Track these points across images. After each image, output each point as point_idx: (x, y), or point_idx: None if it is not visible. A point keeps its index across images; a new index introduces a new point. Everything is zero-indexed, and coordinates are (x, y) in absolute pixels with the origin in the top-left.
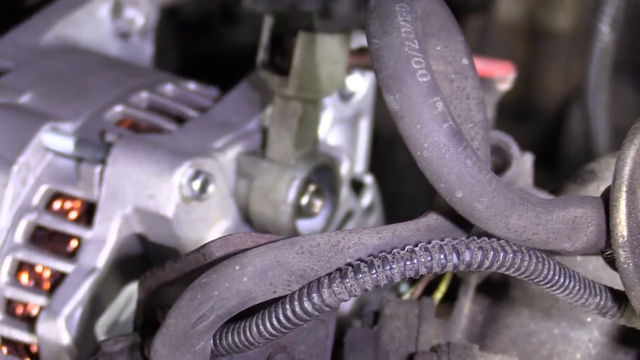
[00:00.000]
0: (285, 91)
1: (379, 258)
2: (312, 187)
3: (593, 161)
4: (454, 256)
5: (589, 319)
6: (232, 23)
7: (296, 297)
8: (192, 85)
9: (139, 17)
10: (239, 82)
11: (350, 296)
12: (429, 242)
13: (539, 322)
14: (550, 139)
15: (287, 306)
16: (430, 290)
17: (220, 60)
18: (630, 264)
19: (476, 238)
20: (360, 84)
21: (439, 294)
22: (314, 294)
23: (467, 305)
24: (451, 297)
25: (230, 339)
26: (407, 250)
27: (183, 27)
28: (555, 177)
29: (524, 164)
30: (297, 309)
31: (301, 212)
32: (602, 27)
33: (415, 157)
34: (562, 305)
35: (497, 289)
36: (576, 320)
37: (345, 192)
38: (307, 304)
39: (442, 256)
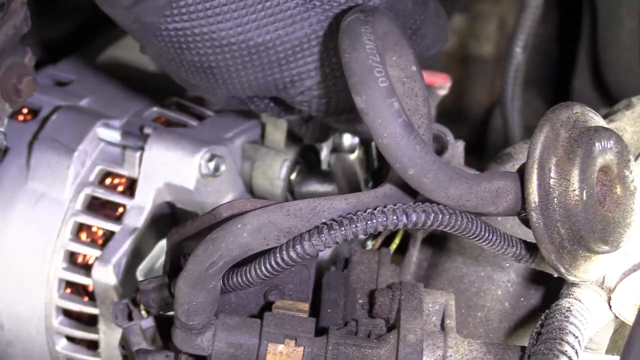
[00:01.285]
0: None
1: (347, 218)
2: (298, 167)
3: (510, 147)
4: (404, 217)
5: (507, 265)
6: None
7: (284, 248)
8: None
9: None
10: None
11: (325, 247)
12: (385, 207)
13: (469, 267)
14: (477, 135)
15: (277, 255)
16: (387, 242)
17: None
18: (541, 223)
19: (421, 204)
20: None
21: (393, 246)
22: (297, 246)
23: (415, 254)
24: (403, 248)
25: (235, 279)
26: (368, 213)
27: None
28: (482, 162)
29: (457, 148)
30: (285, 257)
31: (291, 185)
32: (517, 49)
33: (377, 144)
34: (487, 254)
35: (438, 242)
36: (498, 265)
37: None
38: (292, 253)
39: (394, 217)
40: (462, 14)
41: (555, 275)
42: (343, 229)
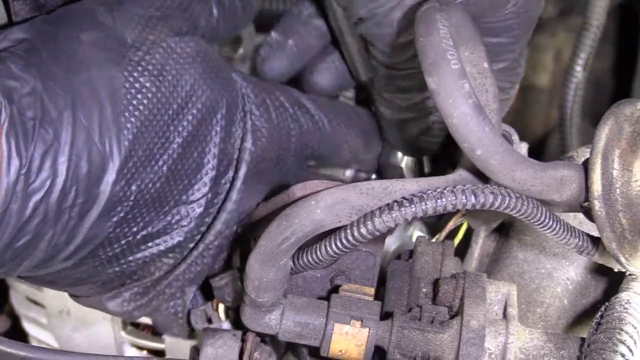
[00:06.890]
0: None
1: (417, 196)
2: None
3: (572, 150)
4: (472, 197)
5: (567, 263)
6: None
7: (355, 224)
8: None
9: (240, 48)
10: None
11: (395, 224)
12: (454, 187)
13: (530, 264)
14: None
15: (348, 231)
16: (450, 237)
17: None
18: (603, 212)
19: (489, 186)
20: None
21: (457, 240)
22: (369, 222)
23: (477, 250)
24: (465, 243)
25: (305, 258)
26: (437, 192)
27: None
28: None
29: (521, 149)
30: (356, 233)
31: None
32: (577, 67)
33: (447, 124)
34: (547, 252)
35: (500, 238)
36: (558, 264)
37: None
38: (363, 229)
39: (463, 197)
40: None
41: (616, 270)
42: (413, 206)
